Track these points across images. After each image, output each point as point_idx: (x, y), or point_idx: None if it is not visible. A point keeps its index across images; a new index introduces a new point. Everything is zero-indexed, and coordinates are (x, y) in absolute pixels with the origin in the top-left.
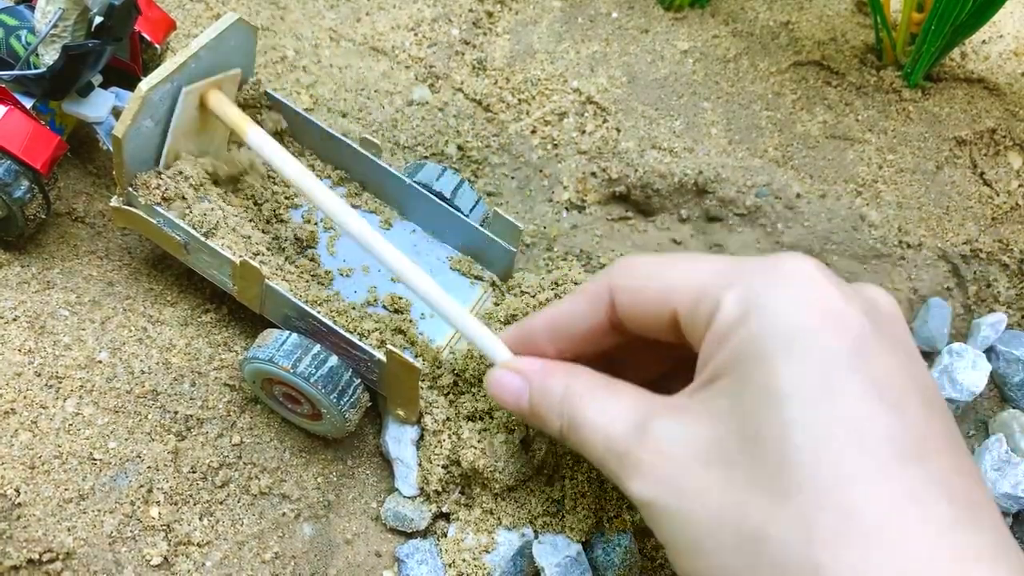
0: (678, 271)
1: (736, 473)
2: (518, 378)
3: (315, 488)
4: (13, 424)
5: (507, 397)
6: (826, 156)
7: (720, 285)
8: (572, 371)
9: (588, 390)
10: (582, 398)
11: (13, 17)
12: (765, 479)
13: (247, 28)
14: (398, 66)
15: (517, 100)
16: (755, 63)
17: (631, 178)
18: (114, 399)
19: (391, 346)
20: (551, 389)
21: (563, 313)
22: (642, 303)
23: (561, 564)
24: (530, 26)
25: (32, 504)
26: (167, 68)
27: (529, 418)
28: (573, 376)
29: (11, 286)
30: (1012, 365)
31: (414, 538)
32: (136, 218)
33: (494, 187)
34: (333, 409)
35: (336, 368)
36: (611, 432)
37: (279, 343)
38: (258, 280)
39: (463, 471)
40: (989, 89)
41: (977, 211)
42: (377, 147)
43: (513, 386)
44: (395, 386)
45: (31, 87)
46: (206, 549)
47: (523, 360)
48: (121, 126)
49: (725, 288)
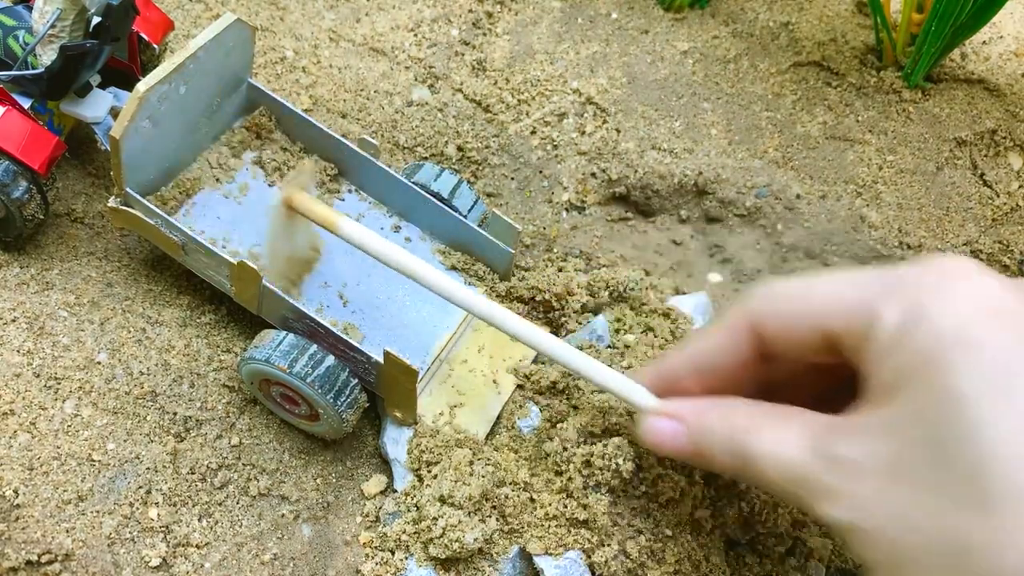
0: (824, 290)
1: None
2: (671, 422)
3: (314, 489)
4: (12, 425)
5: (665, 443)
6: (826, 157)
7: (876, 296)
8: (728, 404)
9: (753, 422)
10: (748, 432)
11: (11, 17)
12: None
13: (245, 29)
14: (398, 67)
15: (517, 101)
16: (755, 64)
17: (631, 179)
18: (113, 400)
19: (388, 348)
20: (711, 427)
21: (705, 350)
22: (793, 328)
23: (561, 567)
24: (530, 27)
25: (31, 505)
26: (165, 69)
27: (694, 460)
28: (730, 409)
29: (10, 287)
30: None
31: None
32: (134, 219)
33: (494, 188)
34: (330, 409)
35: (333, 368)
36: (790, 461)
37: (275, 343)
38: (256, 281)
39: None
40: (989, 90)
41: (977, 212)
42: (375, 148)
43: (670, 431)
44: (393, 388)
45: (29, 87)
46: (205, 550)
47: (674, 403)
48: (119, 127)
49: (882, 298)
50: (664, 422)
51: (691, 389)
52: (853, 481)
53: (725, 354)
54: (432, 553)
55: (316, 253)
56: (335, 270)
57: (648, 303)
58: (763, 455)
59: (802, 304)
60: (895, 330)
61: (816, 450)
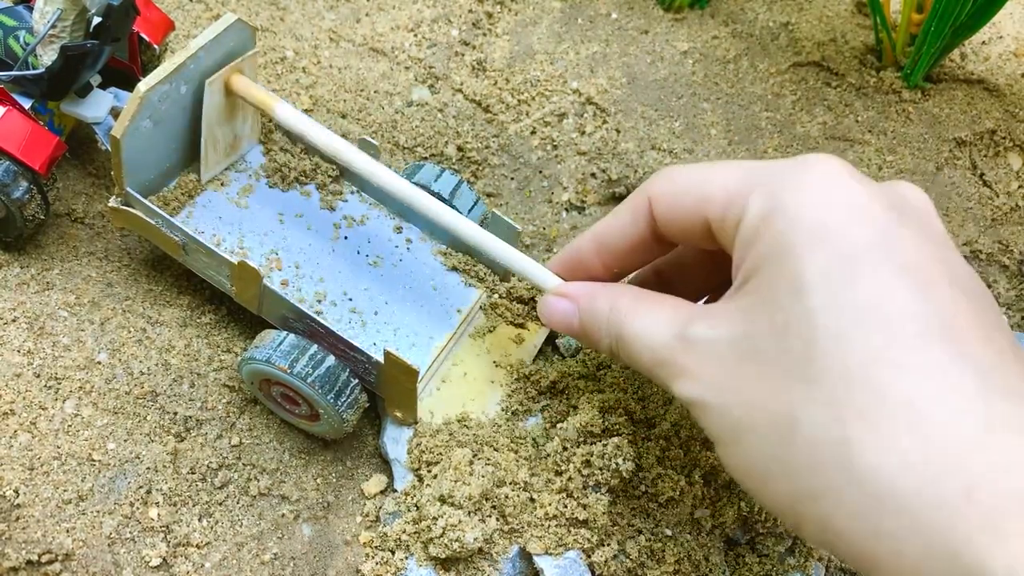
0: (712, 177)
1: (768, 363)
2: (565, 301)
3: (314, 489)
4: (12, 425)
5: (558, 320)
6: None
7: (747, 189)
8: (617, 290)
9: (631, 306)
10: (627, 315)
11: (11, 17)
12: (794, 366)
13: (246, 29)
14: (398, 67)
15: (517, 101)
16: (755, 64)
17: (631, 179)
18: (113, 400)
19: (389, 347)
20: (598, 309)
21: (607, 227)
22: (678, 211)
23: (560, 567)
24: (530, 27)
25: (31, 505)
26: (165, 69)
27: (580, 338)
28: (618, 295)
29: (10, 287)
30: None
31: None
32: (134, 219)
33: (494, 188)
34: (330, 409)
35: (333, 368)
36: (655, 343)
37: (276, 343)
38: (256, 281)
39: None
40: (989, 90)
41: (977, 212)
42: (375, 148)
43: (562, 309)
44: (393, 388)
45: (29, 87)
46: (205, 550)
47: (571, 284)
48: (119, 127)
49: (751, 191)
50: (560, 301)
51: (596, 270)
52: (704, 361)
53: (625, 233)
54: (432, 553)
55: (239, 142)
56: (334, 270)
57: None
58: (634, 337)
59: (691, 189)
60: (758, 220)
61: (677, 333)
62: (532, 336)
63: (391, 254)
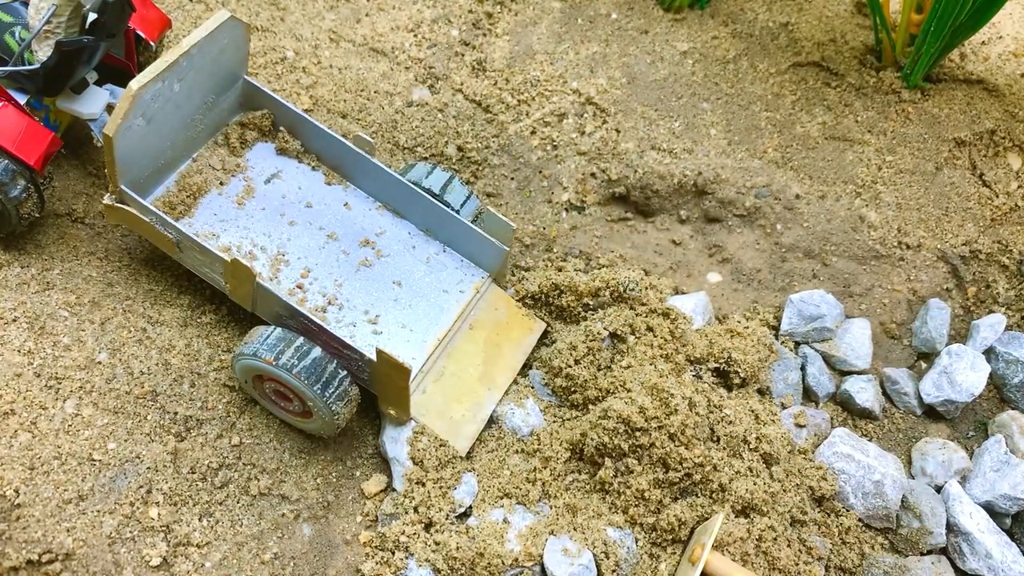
0: None
1: None
2: None
3: (314, 489)
4: (13, 425)
5: None
6: (825, 157)
7: None
8: None
9: None
10: None
11: (8, 13)
12: None
13: (239, 26)
14: (398, 67)
15: (517, 101)
16: (754, 64)
17: (631, 179)
18: (113, 400)
19: (380, 346)
20: None
21: None
22: None
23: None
24: (530, 27)
25: (31, 505)
26: (158, 66)
27: None
28: None
29: (11, 287)
30: (1011, 366)
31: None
32: (129, 216)
33: (494, 188)
34: (318, 401)
35: (319, 359)
36: None
37: (263, 337)
38: (250, 279)
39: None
40: (988, 90)
41: (976, 212)
42: (370, 145)
43: None
44: (386, 386)
45: (25, 83)
46: (205, 550)
47: None
48: (112, 125)
49: None
50: None
51: None
52: None
53: None
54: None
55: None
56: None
57: (648, 303)
58: None
59: None
60: None
61: None
62: (527, 335)
63: (391, 254)
